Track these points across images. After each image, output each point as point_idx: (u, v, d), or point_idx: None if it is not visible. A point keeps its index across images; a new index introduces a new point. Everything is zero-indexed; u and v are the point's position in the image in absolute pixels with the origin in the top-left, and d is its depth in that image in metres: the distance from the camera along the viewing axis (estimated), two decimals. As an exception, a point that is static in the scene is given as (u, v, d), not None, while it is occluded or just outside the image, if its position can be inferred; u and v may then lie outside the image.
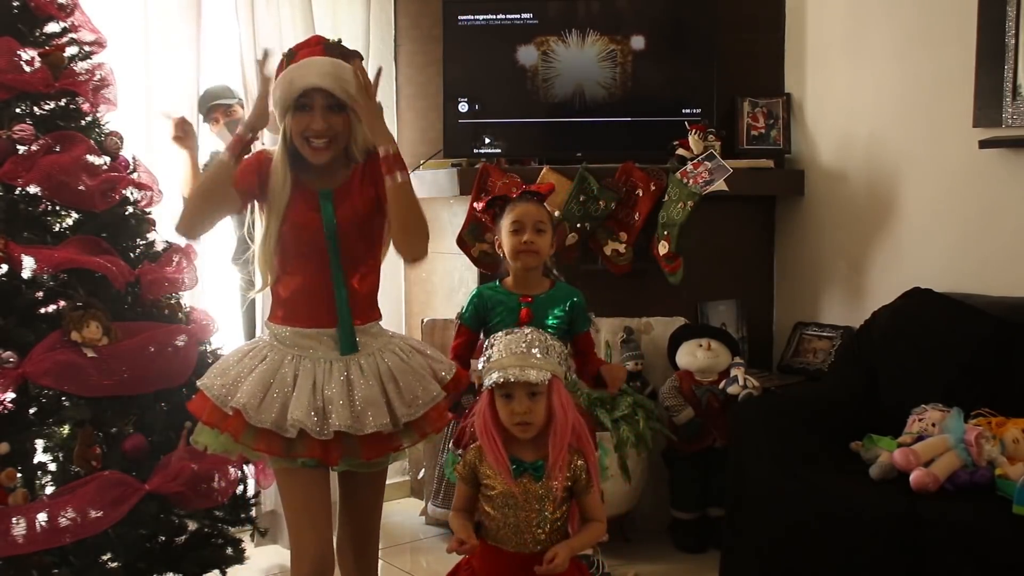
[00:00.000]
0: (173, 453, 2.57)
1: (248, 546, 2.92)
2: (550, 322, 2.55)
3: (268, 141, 2.98)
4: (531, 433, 2.05)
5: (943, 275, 3.33)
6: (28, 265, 2.54)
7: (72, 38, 2.73)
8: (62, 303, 2.55)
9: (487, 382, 2.07)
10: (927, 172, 3.45)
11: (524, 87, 3.79)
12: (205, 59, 3.55)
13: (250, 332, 3.64)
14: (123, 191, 2.73)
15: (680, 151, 3.66)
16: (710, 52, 3.76)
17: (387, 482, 4.35)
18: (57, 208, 2.63)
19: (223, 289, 3.68)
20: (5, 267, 2.53)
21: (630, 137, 3.78)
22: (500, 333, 2.13)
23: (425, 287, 4.15)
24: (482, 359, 2.13)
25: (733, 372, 3.46)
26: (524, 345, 2.07)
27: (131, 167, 2.78)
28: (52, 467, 2.52)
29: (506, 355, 2.05)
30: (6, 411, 2.47)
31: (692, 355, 3.50)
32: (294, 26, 3.64)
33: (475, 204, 2.95)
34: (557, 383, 2.08)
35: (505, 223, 2.56)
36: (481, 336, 2.60)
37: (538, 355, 2.06)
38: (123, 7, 3.35)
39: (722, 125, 3.78)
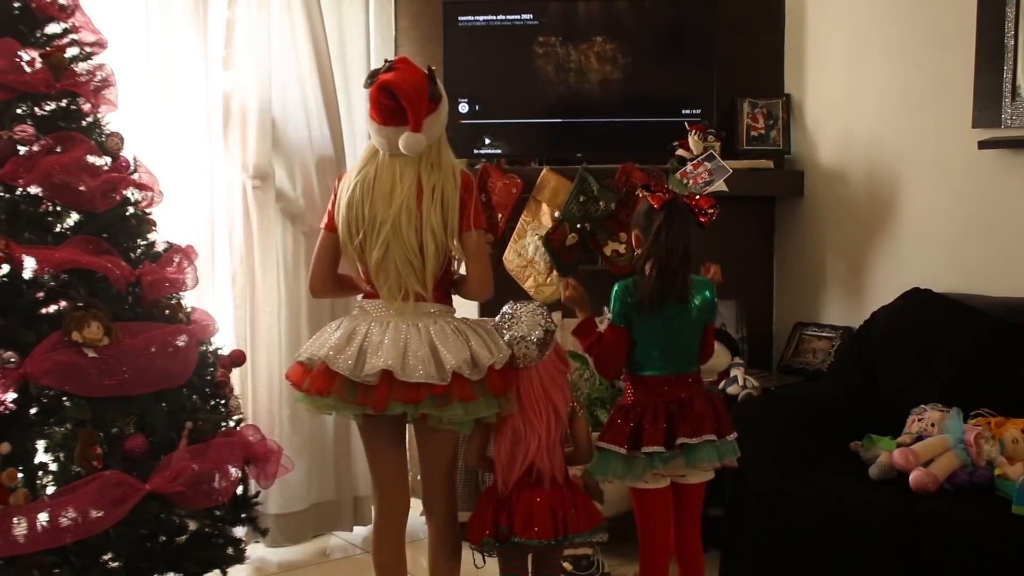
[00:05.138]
0: (174, 453, 2.57)
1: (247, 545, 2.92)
2: None
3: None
4: None
5: (943, 275, 3.34)
6: (29, 265, 2.53)
7: (73, 39, 2.73)
8: (63, 303, 2.55)
9: None
10: (927, 172, 3.45)
11: (525, 88, 3.79)
12: (209, 60, 3.55)
13: None
14: (124, 192, 2.73)
15: (680, 151, 3.66)
16: (710, 52, 3.76)
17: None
18: (58, 208, 2.63)
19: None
20: (6, 267, 2.53)
21: (630, 137, 3.78)
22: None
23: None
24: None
25: (733, 372, 3.46)
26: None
27: (132, 168, 2.78)
28: (53, 467, 2.52)
29: None
30: (7, 411, 2.47)
31: (692, 355, 3.49)
32: (294, 26, 3.65)
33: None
34: None
35: None
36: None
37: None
38: (124, 8, 3.35)
39: (722, 125, 3.78)
